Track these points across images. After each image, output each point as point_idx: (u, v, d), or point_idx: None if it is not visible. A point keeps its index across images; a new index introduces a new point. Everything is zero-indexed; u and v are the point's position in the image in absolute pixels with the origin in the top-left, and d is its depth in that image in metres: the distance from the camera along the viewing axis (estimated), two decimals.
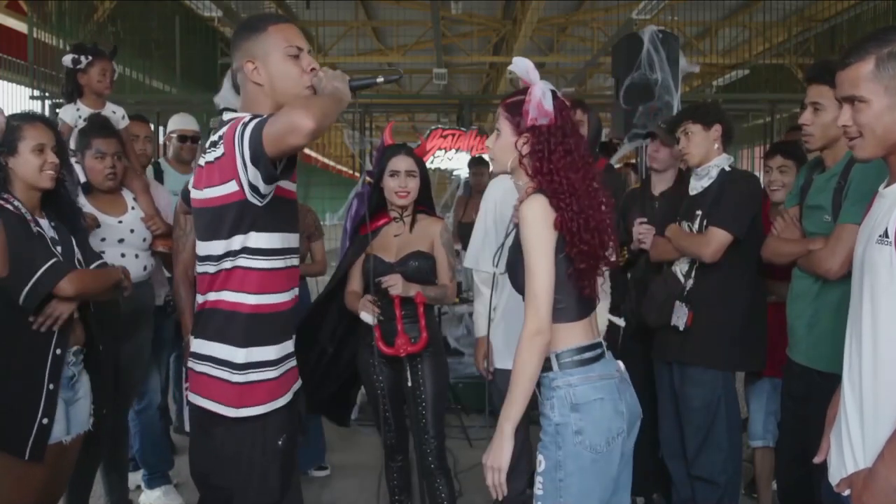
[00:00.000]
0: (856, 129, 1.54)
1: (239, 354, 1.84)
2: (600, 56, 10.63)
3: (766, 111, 9.05)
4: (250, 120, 1.71)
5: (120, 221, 3.04)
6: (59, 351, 2.24)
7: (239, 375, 1.85)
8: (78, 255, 2.38)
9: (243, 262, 1.83)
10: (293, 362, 2.00)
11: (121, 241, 3.02)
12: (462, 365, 4.84)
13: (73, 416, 2.36)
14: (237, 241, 1.81)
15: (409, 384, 2.71)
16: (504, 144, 1.88)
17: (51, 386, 2.22)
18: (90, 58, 3.34)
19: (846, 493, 1.54)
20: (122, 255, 3.00)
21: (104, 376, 2.51)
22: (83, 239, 2.48)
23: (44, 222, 2.32)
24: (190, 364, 1.93)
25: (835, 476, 1.60)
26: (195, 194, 1.88)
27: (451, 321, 5.22)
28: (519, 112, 1.83)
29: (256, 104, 1.84)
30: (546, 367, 1.80)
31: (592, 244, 1.78)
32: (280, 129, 1.63)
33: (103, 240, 2.96)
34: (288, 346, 1.96)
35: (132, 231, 3.05)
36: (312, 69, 1.83)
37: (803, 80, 2.56)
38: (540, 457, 1.83)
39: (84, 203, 2.95)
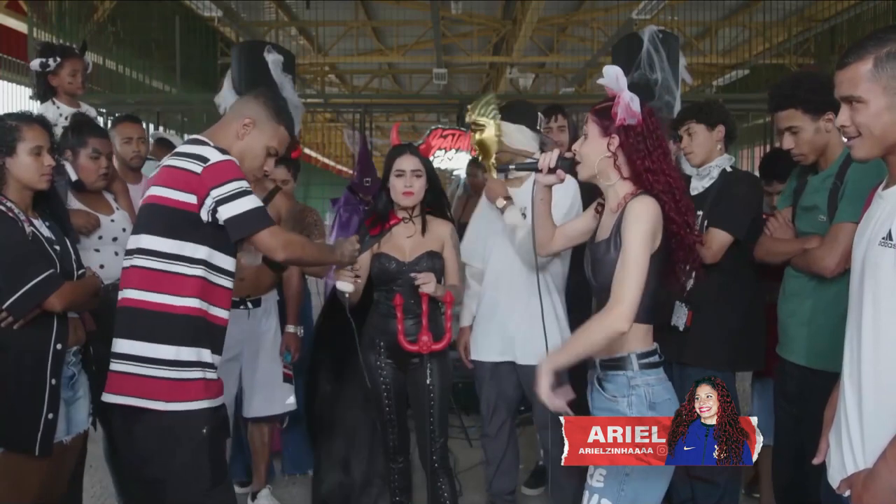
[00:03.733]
0: (854, 128, 1.54)
1: (184, 353, 2.03)
2: (600, 56, 10.63)
3: (766, 111, 9.04)
4: (245, 192, 2.02)
5: (112, 220, 3.03)
6: (59, 346, 2.24)
7: (175, 372, 2.02)
8: (74, 255, 2.37)
9: (199, 272, 2.04)
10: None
11: (115, 239, 3.01)
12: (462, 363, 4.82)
13: (72, 415, 2.36)
14: (187, 249, 2.04)
15: (428, 381, 2.72)
16: (593, 146, 1.97)
17: (53, 381, 2.22)
18: (59, 59, 3.32)
19: (846, 493, 1.54)
20: (116, 254, 3.00)
21: (95, 376, 2.52)
22: (73, 240, 2.46)
23: (38, 222, 2.30)
24: (113, 366, 2.07)
25: (834, 477, 1.60)
26: (155, 191, 2.06)
27: (453, 319, 5.22)
28: (607, 115, 1.93)
29: (221, 135, 2.17)
30: (623, 366, 1.91)
31: (693, 237, 1.93)
32: (270, 244, 2.07)
33: (100, 238, 2.96)
34: (217, 358, 2.16)
35: (124, 230, 3.05)
36: (267, 172, 2.26)
37: (769, 110, 2.63)
38: None
39: (74, 202, 2.95)
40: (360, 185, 4.90)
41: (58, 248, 2.29)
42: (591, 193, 2.12)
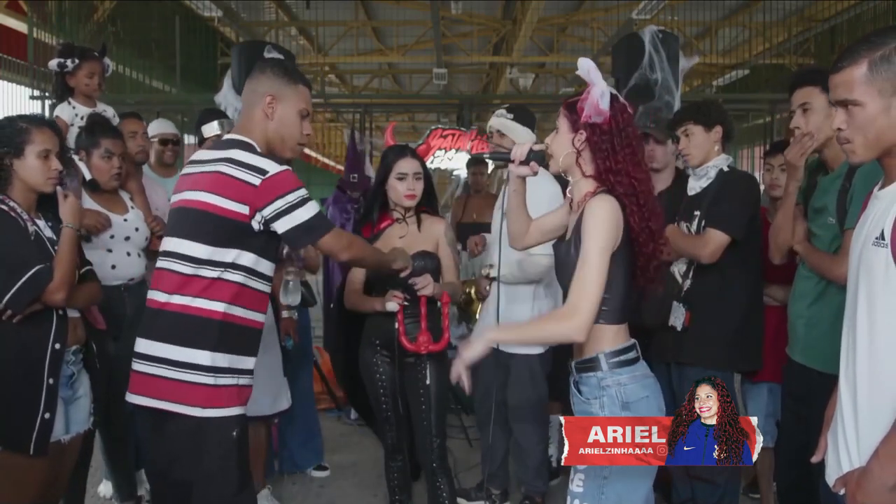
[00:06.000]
0: (848, 133, 1.53)
1: (218, 359, 2.01)
2: (600, 56, 10.63)
3: (766, 111, 9.05)
4: (304, 200, 2.04)
5: (125, 220, 3.06)
6: (57, 346, 2.25)
7: (212, 378, 2.00)
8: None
9: (240, 277, 2.04)
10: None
11: (127, 238, 3.03)
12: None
13: (72, 414, 2.37)
14: (235, 255, 2.03)
15: (428, 382, 2.72)
16: (561, 141, 1.93)
17: (50, 381, 2.22)
18: (77, 60, 3.35)
19: (842, 492, 1.55)
20: (128, 254, 3.02)
21: (99, 374, 2.53)
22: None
23: (40, 223, 2.32)
24: (141, 367, 2.05)
25: (831, 476, 1.61)
26: (189, 195, 2.04)
27: (451, 319, 5.21)
28: (576, 110, 1.87)
29: (252, 127, 2.13)
30: (594, 367, 1.86)
31: (656, 244, 1.86)
32: (334, 246, 2.14)
33: (112, 237, 2.98)
34: (254, 363, 2.15)
35: (137, 230, 3.08)
36: (308, 134, 2.20)
37: (788, 88, 2.57)
38: None
39: (88, 201, 2.96)
40: (348, 182, 4.98)
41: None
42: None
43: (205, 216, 2.02)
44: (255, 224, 2.03)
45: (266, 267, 2.11)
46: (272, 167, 2.01)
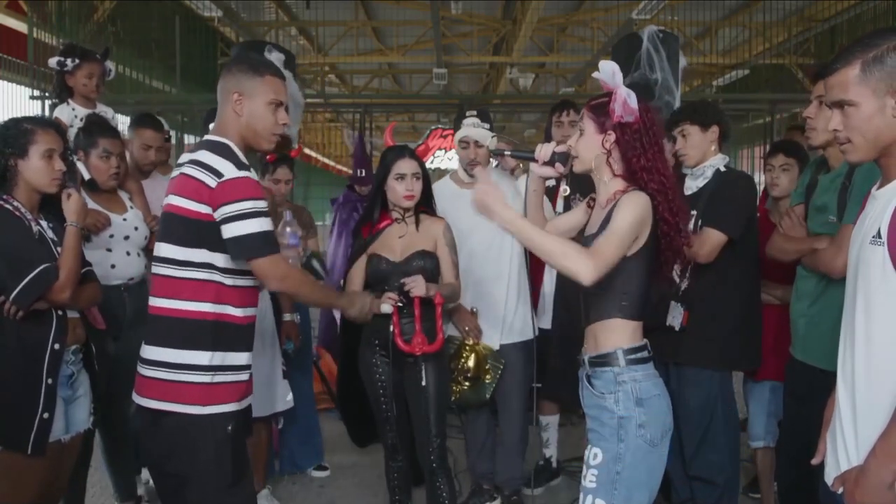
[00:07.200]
0: (845, 134, 1.55)
1: (216, 357, 2.04)
2: (600, 56, 10.62)
3: (766, 111, 9.05)
4: (255, 214, 1.98)
5: (124, 219, 3.07)
6: (57, 346, 2.26)
7: (208, 376, 2.03)
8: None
9: (222, 277, 2.04)
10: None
11: (126, 238, 3.04)
12: None
13: (72, 414, 2.38)
14: (205, 255, 2.02)
15: (423, 383, 2.72)
16: (588, 143, 1.97)
17: (49, 381, 2.24)
18: (77, 60, 3.36)
19: (840, 490, 1.55)
20: (128, 254, 3.03)
21: (98, 374, 2.54)
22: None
23: (43, 223, 2.34)
24: (142, 371, 2.07)
25: (830, 475, 1.61)
26: (167, 199, 2.07)
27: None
28: (604, 112, 1.92)
29: (227, 127, 2.12)
30: (610, 362, 1.90)
31: (683, 240, 1.92)
32: (266, 272, 2.03)
33: (111, 236, 2.98)
34: (250, 357, 2.17)
35: (136, 229, 3.08)
36: (284, 123, 2.16)
37: (805, 78, 2.56)
38: (596, 450, 1.91)
39: (88, 201, 2.97)
40: (356, 178, 5.00)
41: (61, 249, 2.32)
42: (589, 184, 2.11)
43: (178, 219, 2.04)
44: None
45: (244, 263, 2.09)
46: (229, 171, 1.99)
